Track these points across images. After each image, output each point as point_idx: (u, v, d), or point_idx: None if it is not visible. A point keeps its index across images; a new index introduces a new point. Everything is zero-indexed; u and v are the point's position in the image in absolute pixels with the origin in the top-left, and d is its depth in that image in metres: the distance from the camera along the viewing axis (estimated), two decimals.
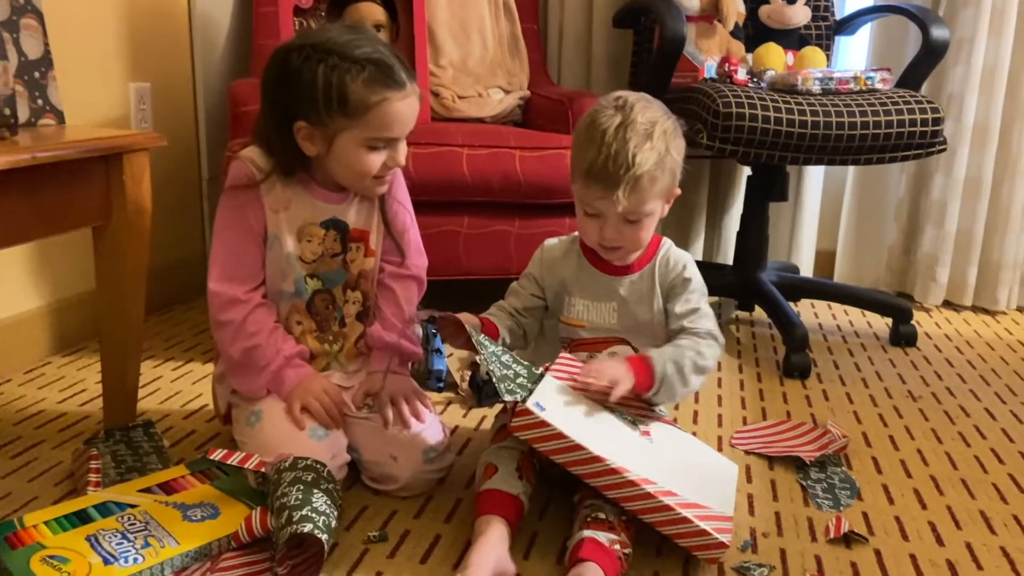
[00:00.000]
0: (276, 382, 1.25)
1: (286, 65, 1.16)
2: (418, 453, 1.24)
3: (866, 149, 1.82)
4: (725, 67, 2.07)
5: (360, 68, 1.14)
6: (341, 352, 1.33)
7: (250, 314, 1.24)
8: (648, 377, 1.17)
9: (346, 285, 1.32)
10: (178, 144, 2.18)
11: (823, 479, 1.34)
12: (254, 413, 1.24)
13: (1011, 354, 2.04)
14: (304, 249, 1.27)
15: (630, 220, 1.19)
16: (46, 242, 1.76)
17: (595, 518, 1.07)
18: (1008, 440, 1.53)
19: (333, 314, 1.32)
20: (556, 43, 2.51)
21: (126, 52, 1.98)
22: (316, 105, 1.15)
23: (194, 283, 2.24)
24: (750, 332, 2.15)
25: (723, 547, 1.06)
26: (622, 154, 1.13)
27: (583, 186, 1.18)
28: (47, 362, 1.77)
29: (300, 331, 1.30)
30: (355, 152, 1.18)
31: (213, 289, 1.23)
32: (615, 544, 1.04)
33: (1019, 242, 2.41)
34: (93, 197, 1.29)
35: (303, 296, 1.29)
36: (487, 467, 1.15)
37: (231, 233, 1.24)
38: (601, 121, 1.16)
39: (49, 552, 1.01)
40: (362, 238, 1.31)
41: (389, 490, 1.25)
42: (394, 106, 1.16)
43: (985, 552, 1.16)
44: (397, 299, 1.34)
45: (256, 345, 1.23)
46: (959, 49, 2.32)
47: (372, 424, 1.27)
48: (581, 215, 1.22)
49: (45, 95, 1.37)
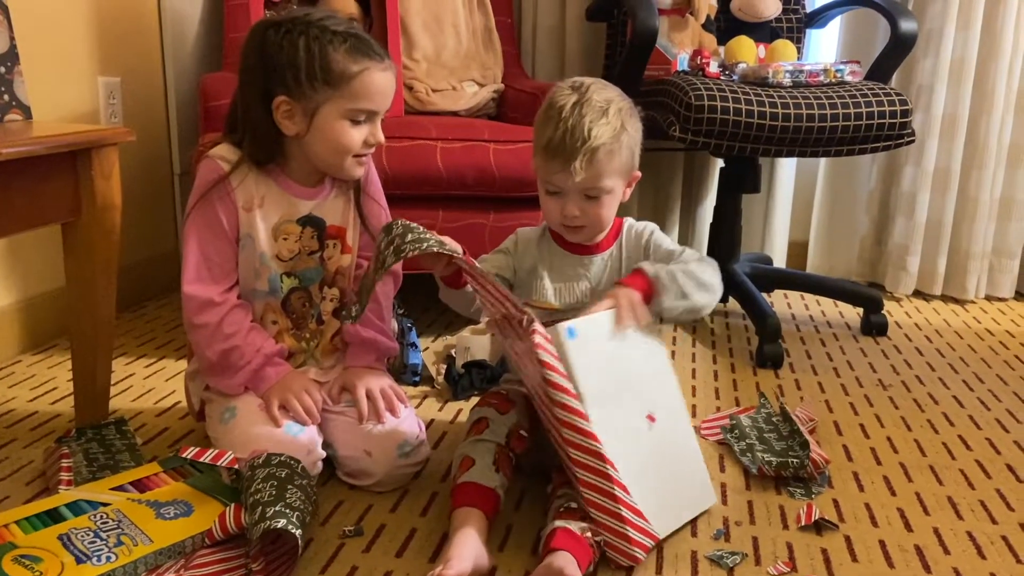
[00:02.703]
0: (255, 380, 1.25)
1: (265, 41, 1.17)
2: (393, 448, 1.24)
3: (836, 141, 1.84)
4: (697, 60, 2.08)
5: (341, 39, 1.16)
6: (317, 348, 1.33)
7: (226, 316, 1.23)
8: (644, 282, 1.16)
9: (323, 282, 1.32)
10: (148, 139, 2.16)
11: None
12: (228, 409, 1.24)
13: (979, 342, 2.07)
14: (280, 247, 1.26)
15: (590, 196, 1.20)
16: (14, 239, 1.73)
17: (567, 507, 1.08)
18: (975, 427, 1.56)
19: (310, 312, 1.32)
20: (530, 36, 2.51)
21: (95, 46, 1.95)
22: (298, 76, 1.15)
23: (166, 279, 2.22)
24: (724, 323, 2.17)
25: (633, 560, 1.06)
26: (578, 128, 1.15)
27: (543, 163, 1.19)
28: (17, 360, 1.75)
29: (276, 330, 1.30)
30: (337, 126, 1.18)
31: (187, 292, 1.22)
32: (587, 532, 1.05)
33: (987, 232, 2.45)
34: (62, 193, 1.28)
35: (278, 295, 1.28)
36: (463, 460, 1.15)
37: (203, 233, 1.23)
38: (558, 100, 1.18)
39: (21, 552, 1.00)
40: (339, 235, 1.31)
41: (364, 485, 1.25)
42: (375, 75, 1.18)
43: (952, 537, 1.18)
44: (375, 295, 1.33)
45: (234, 347, 1.23)
46: (927, 41, 2.35)
47: (347, 420, 1.27)
48: (543, 195, 1.23)
49: (11, 90, 1.35)
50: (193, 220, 1.23)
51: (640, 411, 1.15)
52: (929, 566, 1.11)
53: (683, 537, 1.16)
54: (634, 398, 1.14)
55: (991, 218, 2.44)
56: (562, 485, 1.13)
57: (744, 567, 1.09)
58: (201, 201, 1.22)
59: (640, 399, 1.15)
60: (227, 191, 1.22)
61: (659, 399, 1.18)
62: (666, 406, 1.19)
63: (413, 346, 1.72)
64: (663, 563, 1.10)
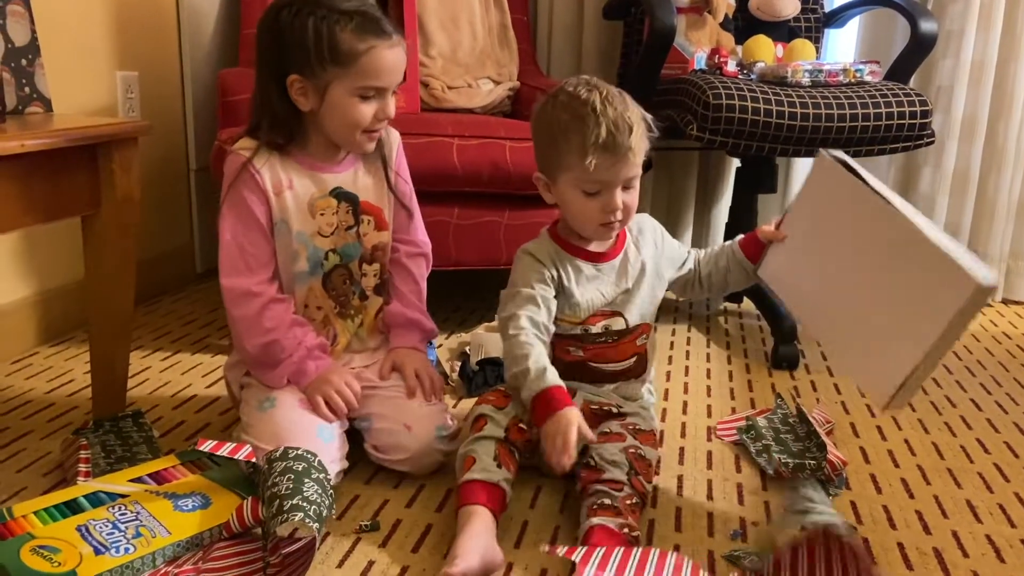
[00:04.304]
0: (297, 373, 1.26)
1: (277, 21, 1.20)
2: (432, 427, 1.26)
3: (855, 141, 1.83)
4: (715, 59, 2.07)
5: (348, 18, 1.19)
6: (362, 327, 1.36)
7: (265, 308, 1.24)
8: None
9: (362, 259, 1.34)
10: (165, 134, 2.16)
11: None
12: (268, 399, 1.25)
13: (996, 346, 2.06)
14: (320, 223, 1.28)
15: (627, 187, 1.21)
16: (33, 231, 1.74)
17: (601, 504, 1.08)
18: (993, 430, 1.55)
19: (351, 289, 1.34)
20: (546, 34, 2.51)
21: (113, 40, 1.96)
22: (308, 56, 1.18)
23: (181, 274, 2.23)
24: (739, 324, 2.16)
25: None
26: (620, 120, 1.16)
27: (590, 163, 1.16)
28: (34, 352, 1.76)
29: (322, 315, 1.32)
30: (347, 102, 1.21)
31: (225, 284, 1.25)
32: (624, 528, 1.05)
33: (1005, 235, 2.43)
34: (81, 186, 1.28)
35: (319, 273, 1.30)
36: (466, 459, 1.15)
37: (236, 225, 1.25)
38: (583, 98, 1.18)
39: (40, 542, 1.00)
40: (373, 212, 1.33)
41: (393, 460, 1.26)
42: (382, 53, 1.20)
43: (971, 540, 1.18)
44: (413, 276, 1.39)
45: (274, 340, 1.24)
46: (948, 42, 2.33)
47: (390, 394, 1.29)
48: (579, 199, 1.21)
49: (32, 83, 1.36)
50: (225, 214, 1.25)
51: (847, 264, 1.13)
52: (948, 569, 1.10)
53: (700, 537, 1.15)
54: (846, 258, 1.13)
55: (1009, 221, 2.43)
56: (593, 482, 1.12)
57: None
58: (231, 193, 1.24)
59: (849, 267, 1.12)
60: (253, 176, 1.24)
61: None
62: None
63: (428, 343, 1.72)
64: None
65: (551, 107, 1.22)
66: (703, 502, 1.25)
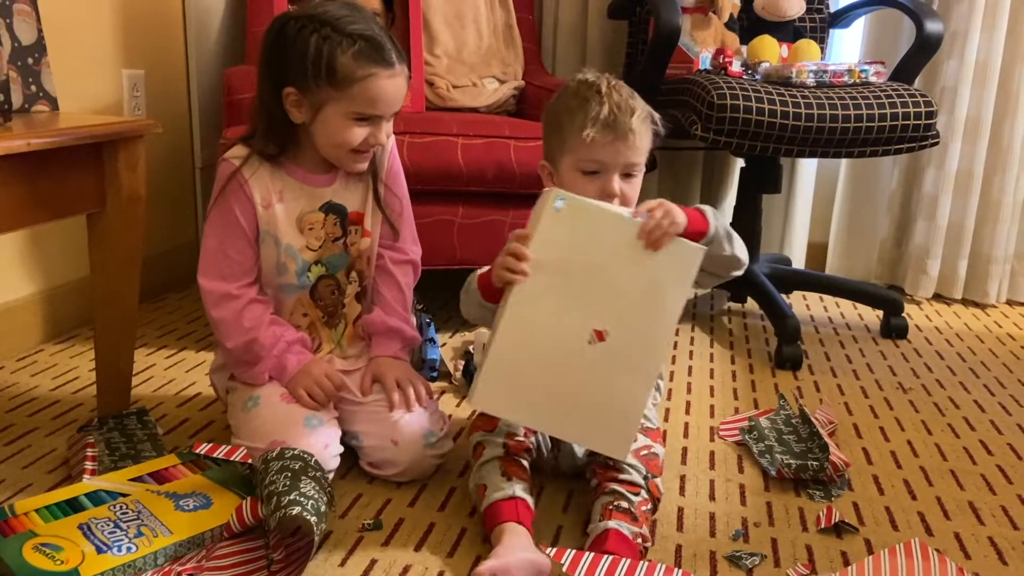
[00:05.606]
0: (278, 368, 1.26)
1: (282, 32, 1.20)
2: (419, 438, 1.25)
3: (859, 142, 1.83)
4: (720, 59, 2.07)
5: (351, 42, 1.18)
6: (343, 336, 1.35)
7: (245, 310, 1.25)
8: (704, 222, 1.16)
9: (349, 268, 1.34)
10: (171, 132, 2.17)
11: None
12: (251, 399, 1.25)
13: (1000, 347, 2.05)
14: (309, 238, 1.28)
15: (626, 175, 1.19)
16: (39, 229, 1.75)
17: (618, 507, 1.08)
18: (997, 432, 1.55)
19: (340, 299, 1.34)
20: (551, 33, 2.51)
21: (119, 38, 1.96)
22: (305, 73, 1.18)
23: (185, 271, 2.23)
24: (742, 323, 2.16)
25: None
26: (623, 103, 1.16)
27: (588, 136, 1.15)
28: (40, 349, 1.76)
29: (308, 322, 1.32)
30: (339, 123, 1.21)
31: (205, 286, 1.26)
32: (638, 538, 1.05)
33: (1009, 235, 2.42)
34: (87, 184, 1.29)
35: (306, 286, 1.30)
36: (478, 488, 1.14)
37: (220, 231, 1.26)
38: (590, 82, 1.19)
39: (42, 540, 1.01)
40: (359, 220, 1.33)
41: (388, 475, 1.26)
42: (380, 82, 1.19)
43: (973, 542, 1.18)
44: (398, 284, 1.36)
45: (254, 339, 1.24)
46: (952, 43, 2.33)
47: (373, 409, 1.28)
48: (578, 182, 1.19)
49: (39, 81, 1.36)
50: (212, 221, 1.27)
51: (590, 320, 1.07)
52: None
53: (702, 537, 1.15)
54: (591, 305, 1.07)
55: (1013, 221, 2.42)
56: (608, 481, 1.12)
57: (763, 568, 1.09)
58: (219, 200, 1.25)
59: (599, 312, 1.07)
60: (242, 186, 1.24)
61: (626, 325, 1.08)
62: (629, 338, 1.08)
63: (431, 341, 1.72)
64: (681, 562, 1.09)
65: (562, 95, 1.22)
66: (705, 502, 1.25)
